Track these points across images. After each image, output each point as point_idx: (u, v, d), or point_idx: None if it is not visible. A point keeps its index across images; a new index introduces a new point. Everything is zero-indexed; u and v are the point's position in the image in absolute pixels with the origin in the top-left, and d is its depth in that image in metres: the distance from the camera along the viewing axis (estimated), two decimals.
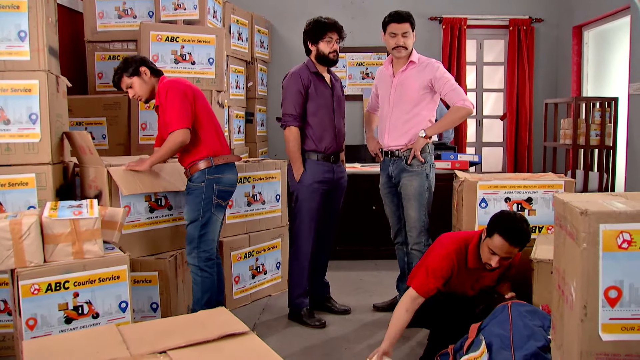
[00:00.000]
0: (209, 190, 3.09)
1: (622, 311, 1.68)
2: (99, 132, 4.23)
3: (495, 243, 2.61)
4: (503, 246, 2.60)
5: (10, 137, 3.04)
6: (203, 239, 3.12)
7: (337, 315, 3.70)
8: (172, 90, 3.05)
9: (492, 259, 2.65)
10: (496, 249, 2.62)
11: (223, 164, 3.14)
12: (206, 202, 3.09)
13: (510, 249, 2.62)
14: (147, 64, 3.20)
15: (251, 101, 5.90)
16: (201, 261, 3.13)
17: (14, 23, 3.01)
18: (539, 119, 6.43)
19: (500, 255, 2.62)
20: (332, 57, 3.48)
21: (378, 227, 4.78)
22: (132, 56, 3.23)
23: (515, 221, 2.62)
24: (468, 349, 2.43)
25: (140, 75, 3.16)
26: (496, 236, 2.61)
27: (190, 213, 3.12)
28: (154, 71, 3.21)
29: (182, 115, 3.02)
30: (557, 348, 1.96)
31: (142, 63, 3.17)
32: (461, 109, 3.31)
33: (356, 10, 6.55)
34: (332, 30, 3.45)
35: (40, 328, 2.54)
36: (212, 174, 3.10)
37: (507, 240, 2.59)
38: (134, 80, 3.16)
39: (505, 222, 2.62)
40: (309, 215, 3.51)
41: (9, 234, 2.48)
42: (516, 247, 2.62)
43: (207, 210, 3.09)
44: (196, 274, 3.15)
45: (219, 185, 3.11)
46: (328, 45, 3.45)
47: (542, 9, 6.52)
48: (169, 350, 1.72)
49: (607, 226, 1.65)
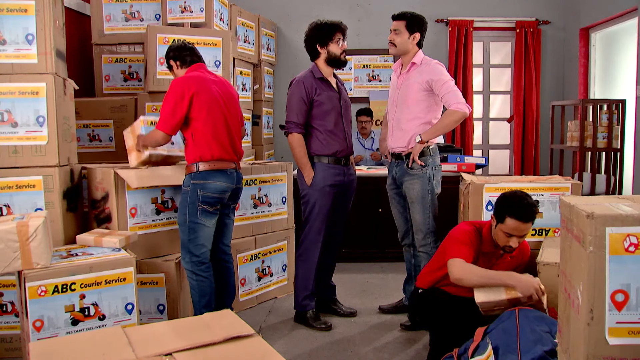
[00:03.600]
0: (194, 196, 3.05)
1: (629, 315, 1.66)
2: (105, 135, 4.25)
3: (510, 225, 2.72)
4: (518, 226, 2.71)
5: (18, 140, 3.05)
6: (193, 244, 3.08)
7: (343, 317, 3.70)
8: (173, 89, 3.06)
9: (512, 241, 2.75)
10: (512, 231, 2.73)
11: (210, 170, 3.07)
12: (191, 207, 3.05)
13: (524, 227, 2.73)
14: (175, 57, 3.27)
15: (257, 104, 5.90)
16: (194, 266, 3.09)
17: (21, 26, 3.03)
18: (545, 121, 6.41)
19: (517, 235, 2.74)
20: (343, 58, 3.50)
21: (384, 230, 4.79)
22: (175, 46, 3.31)
23: (520, 199, 2.74)
24: (474, 352, 2.42)
25: (172, 70, 3.33)
26: (508, 219, 2.72)
27: (179, 216, 3.12)
28: (182, 62, 3.26)
29: (167, 119, 3.04)
30: (563, 352, 1.95)
31: (170, 56, 3.29)
32: (455, 113, 3.26)
33: (362, 13, 6.56)
34: (339, 30, 3.47)
35: (46, 330, 2.55)
36: (197, 179, 3.06)
37: (520, 219, 2.70)
38: (171, 73, 3.37)
39: (511, 203, 2.74)
40: (320, 218, 3.51)
41: (15, 236, 2.49)
42: (528, 222, 2.73)
43: (192, 215, 3.05)
44: (191, 278, 3.12)
45: (203, 191, 3.05)
46: (338, 46, 3.46)
47: (549, 11, 6.50)
48: (174, 353, 1.73)
49: (614, 229, 1.63)
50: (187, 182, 3.09)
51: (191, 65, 3.24)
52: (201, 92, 3.08)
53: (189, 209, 3.05)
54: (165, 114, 3.05)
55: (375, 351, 3.18)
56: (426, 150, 3.40)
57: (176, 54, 3.27)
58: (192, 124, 3.08)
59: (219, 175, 3.09)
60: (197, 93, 3.06)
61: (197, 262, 3.08)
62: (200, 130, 3.08)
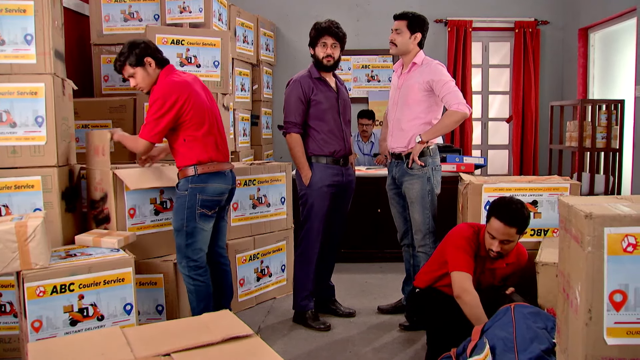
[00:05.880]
0: (192, 200, 2.95)
1: (628, 315, 1.67)
2: None
3: (493, 226, 2.73)
4: (499, 228, 2.70)
5: (17, 140, 3.05)
6: (190, 248, 2.99)
7: (342, 317, 3.70)
8: (161, 97, 2.89)
9: (493, 244, 2.75)
10: (494, 232, 2.73)
11: (209, 173, 2.99)
12: (189, 212, 2.95)
13: (507, 230, 2.70)
14: (153, 53, 3.00)
15: (256, 104, 5.90)
16: (191, 270, 3.02)
17: (20, 26, 3.03)
18: (544, 122, 6.41)
19: (499, 238, 2.72)
20: (325, 62, 3.46)
21: (383, 230, 4.79)
22: (137, 41, 3.00)
23: (509, 203, 2.74)
24: (472, 352, 2.42)
25: (144, 67, 2.98)
26: (493, 219, 2.73)
27: (176, 222, 3.00)
28: (159, 61, 3.02)
29: (153, 128, 2.90)
30: (562, 352, 1.96)
31: (147, 52, 2.97)
32: (455, 114, 3.26)
33: (361, 13, 6.56)
34: (325, 34, 3.44)
35: (45, 330, 2.55)
36: (196, 182, 2.95)
37: (503, 221, 2.69)
38: (137, 71, 2.98)
39: (500, 205, 2.74)
40: (318, 218, 3.51)
41: (14, 237, 2.49)
42: (512, 227, 2.70)
43: (190, 220, 2.95)
44: (188, 283, 3.05)
45: (202, 195, 2.96)
46: (322, 50, 3.44)
47: (548, 11, 6.51)
48: (172, 353, 1.73)
49: (612, 230, 1.64)
50: (184, 186, 2.98)
51: (165, 67, 3.04)
52: (190, 97, 2.95)
53: (187, 214, 2.96)
54: (150, 121, 2.90)
55: (374, 351, 3.18)
56: (426, 151, 3.40)
57: (151, 52, 2.99)
58: (184, 129, 2.96)
59: (218, 178, 3.03)
60: (188, 99, 2.93)
61: (194, 267, 3.02)
62: (194, 134, 2.97)
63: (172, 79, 2.97)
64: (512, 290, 2.83)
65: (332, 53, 3.45)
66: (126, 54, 2.97)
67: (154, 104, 2.90)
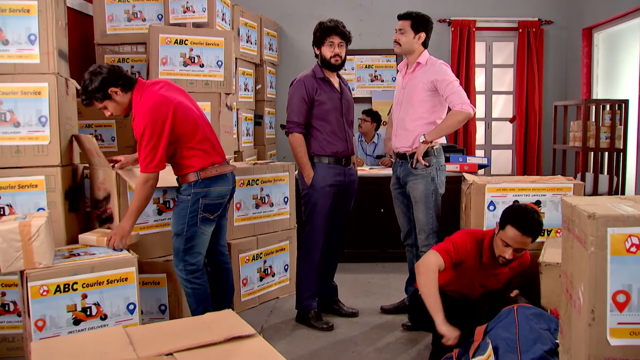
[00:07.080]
0: (195, 204, 2.92)
1: (631, 316, 1.66)
2: (108, 135, 4.26)
3: (509, 234, 2.69)
4: (515, 236, 2.68)
5: (20, 140, 3.06)
6: (189, 252, 2.96)
7: (345, 317, 3.70)
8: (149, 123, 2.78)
9: (506, 251, 2.72)
10: (509, 240, 2.69)
11: (213, 177, 2.96)
12: (192, 217, 2.92)
13: (523, 239, 2.69)
14: (115, 81, 2.85)
15: (260, 104, 5.91)
16: (188, 274, 2.99)
17: (24, 26, 3.04)
18: (548, 122, 6.40)
19: (514, 246, 2.70)
20: (333, 62, 3.46)
21: (386, 230, 4.79)
22: (95, 75, 2.86)
23: (526, 212, 2.70)
24: (475, 353, 2.42)
25: (111, 98, 2.88)
26: (509, 227, 2.69)
27: (176, 225, 2.97)
28: (125, 85, 2.88)
29: (153, 159, 2.80)
30: (564, 352, 1.95)
31: (108, 84, 2.84)
32: (459, 114, 3.26)
33: (365, 13, 6.55)
34: (332, 34, 3.44)
35: (48, 329, 2.56)
36: (199, 187, 2.92)
37: (520, 230, 2.67)
38: (106, 104, 2.91)
39: (517, 213, 2.71)
40: (321, 218, 3.51)
41: (18, 236, 2.50)
42: (529, 237, 2.69)
43: (192, 224, 2.92)
44: (185, 286, 3.03)
45: (205, 199, 2.93)
46: (329, 49, 3.44)
47: (552, 10, 6.49)
48: (175, 352, 1.73)
49: (615, 230, 1.63)
50: (187, 191, 2.93)
51: (134, 87, 2.91)
52: (176, 110, 2.85)
53: (189, 219, 2.93)
54: (148, 153, 2.79)
55: (377, 351, 3.18)
56: (430, 151, 3.39)
57: (113, 82, 2.85)
58: (180, 143, 2.90)
59: (221, 181, 3.00)
60: (174, 113, 2.84)
61: (191, 270, 2.99)
62: (190, 145, 2.92)
63: (152, 99, 2.84)
64: (517, 292, 2.82)
65: (340, 52, 3.46)
66: (90, 91, 2.87)
67: (143, 133, 2.78)
